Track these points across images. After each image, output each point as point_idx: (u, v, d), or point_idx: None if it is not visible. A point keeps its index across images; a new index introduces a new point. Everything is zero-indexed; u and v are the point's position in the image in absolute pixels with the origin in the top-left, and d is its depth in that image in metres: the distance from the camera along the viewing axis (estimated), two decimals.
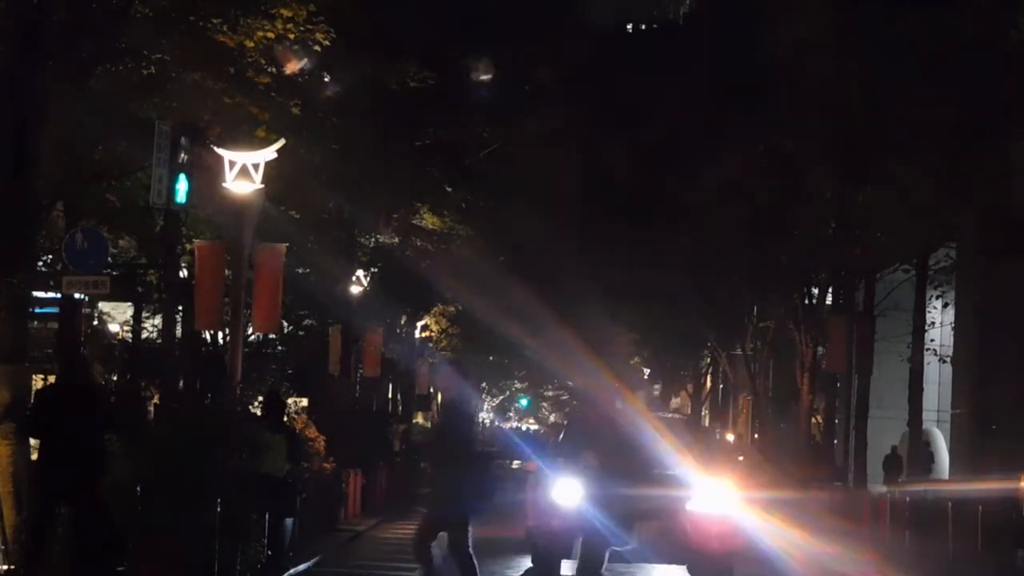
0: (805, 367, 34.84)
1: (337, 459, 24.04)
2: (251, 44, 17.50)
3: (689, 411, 56.61)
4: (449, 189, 36.44)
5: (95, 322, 30.34)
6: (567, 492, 16.40)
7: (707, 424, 52.85)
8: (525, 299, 44.18)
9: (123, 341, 29.81)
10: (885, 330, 32.23)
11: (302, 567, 17.85)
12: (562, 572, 17.21)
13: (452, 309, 51.33)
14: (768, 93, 30.25)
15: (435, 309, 49.97)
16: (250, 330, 24.38)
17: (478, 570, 13.57)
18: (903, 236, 29.55)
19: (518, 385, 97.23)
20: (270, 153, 18.67)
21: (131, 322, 29.72)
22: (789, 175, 31.31)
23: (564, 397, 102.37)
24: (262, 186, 18.75)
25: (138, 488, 14.20)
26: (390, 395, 47.25)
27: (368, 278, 35.47)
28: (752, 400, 46.34)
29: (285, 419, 19.10)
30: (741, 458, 35.75)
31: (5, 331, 14.31)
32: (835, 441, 36.02)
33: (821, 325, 33.99)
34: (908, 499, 24.88)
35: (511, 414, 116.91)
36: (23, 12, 14.54)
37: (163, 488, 14.19)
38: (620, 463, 16.82)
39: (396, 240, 37.61)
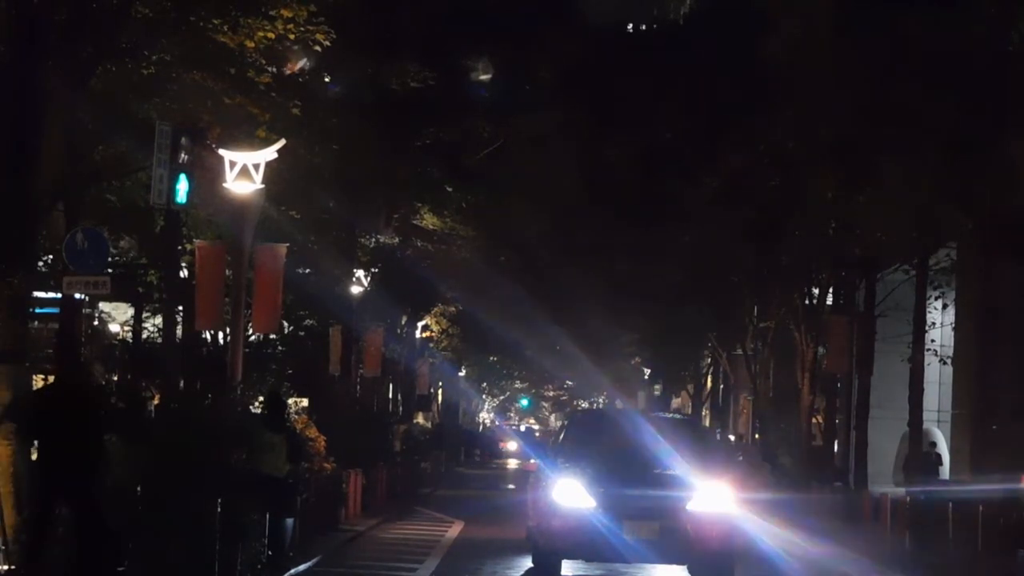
0: (806, 367, 34.82)
1: (337, 459, 24.04)
2: (251, 44, 17.50)
3: (690, 411, 56.59)
4: (449, 189, 36.49)
5: (95, 322, 30.35)
6: (567, 492, 16.42)
7: (708, 424, 52.82)
8: (526, 299, 44.25)
9: (123, 341, 29.84)
10: (885, 330, 32.21)
11: (302, 567, 17.84)
12: (562, 572, 17.22)
13: (453, 309, 51.39)
14: (768, 93, 30.24)
15: (435, 309, 50.01)
16: (250, 330, 24.38)
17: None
18: (903, 236, 29.51)
19: (519, 385, 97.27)
20: (270, 153, 18.70)
21: (131, 322, 29.75)
22: (789, 176, 31.28)
23: (564, 397, 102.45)
24: (263, 186, 18.78)
25: (138, 488, 14.20)
26: (390, 395, 47.24)
27: (368, 278, 35.50)
28: (753, 400, 46.32)
29: (286, 419, 19.07)
30: (741, 458, 35.77)
31: (5, 331, 14.31)
32: (836, 441, 36.00)
33: (822, 325, 33.99)
34: (908, 499, 24.87)
35: (511, 414, 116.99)
36: (23, 11, 14.54)
37: (163, 488, 14.19)
38: (620, 463, 16.87)
39: (396, 240, 37.65)
